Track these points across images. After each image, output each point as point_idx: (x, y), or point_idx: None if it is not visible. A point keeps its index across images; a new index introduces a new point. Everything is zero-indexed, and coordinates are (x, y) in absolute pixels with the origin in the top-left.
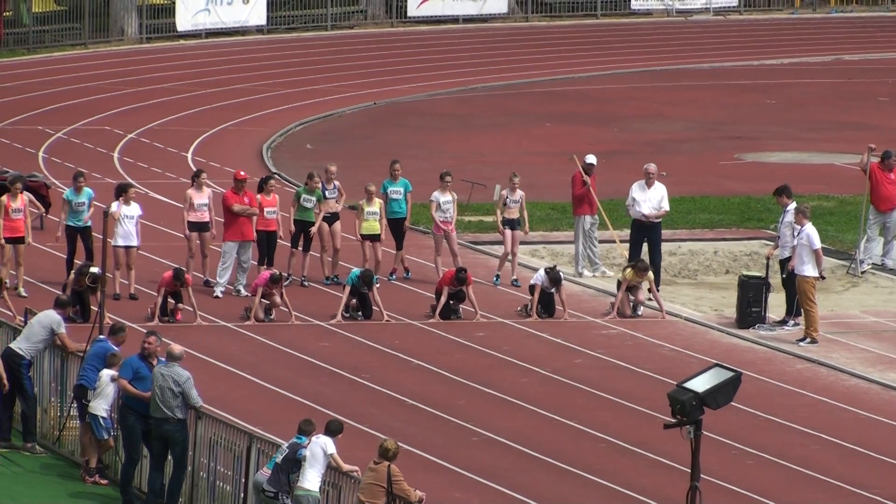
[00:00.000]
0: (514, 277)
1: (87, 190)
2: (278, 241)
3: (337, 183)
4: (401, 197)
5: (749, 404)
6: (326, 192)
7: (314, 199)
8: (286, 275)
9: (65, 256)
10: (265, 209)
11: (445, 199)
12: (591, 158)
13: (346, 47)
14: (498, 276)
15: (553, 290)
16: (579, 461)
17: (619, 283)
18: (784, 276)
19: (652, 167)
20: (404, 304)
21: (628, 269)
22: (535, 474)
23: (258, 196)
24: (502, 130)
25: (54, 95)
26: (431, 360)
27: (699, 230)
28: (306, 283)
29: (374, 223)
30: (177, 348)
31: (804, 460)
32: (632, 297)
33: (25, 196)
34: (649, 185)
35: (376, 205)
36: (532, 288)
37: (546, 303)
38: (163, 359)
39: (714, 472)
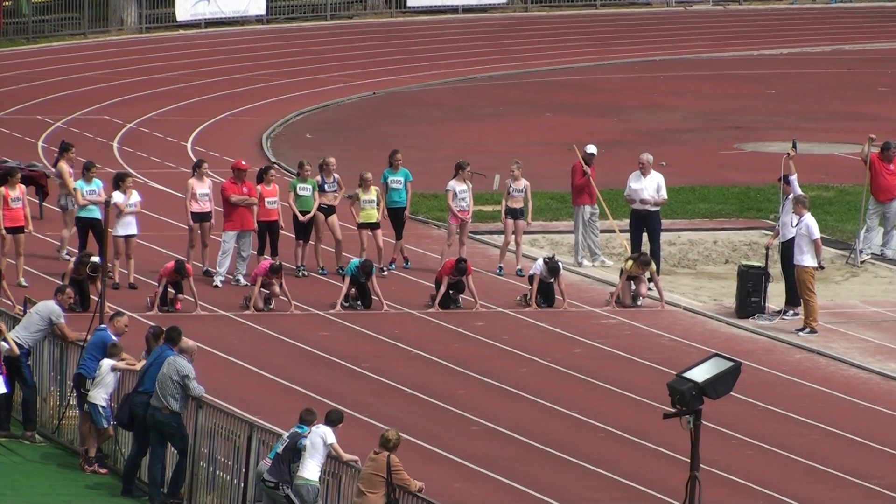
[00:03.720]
0: (519, 267)
1: (98, 181)
2: (281, 231)
3: (337, 176)
4: (401, 186)
5: (748, 394)
6: (326, 186)
7: (309, 186)
8: (301, 265)
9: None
10: (266, 199)
11: (461, 188)
12: (591, 148)
13: (346, 37)
14: (501, 267)
15: (552, 279)
16: (578, 451)
17: (621, 272)
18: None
19: (645, 157)
20: (404, 293)
21: (630, 262)
22: (535, 464)
23: (258, 186)
24: (502, 120)
25: (54, 85)
26: (431, 349)
27: (699, 220)
28: (305, 273)
29: (371, 211)
30: (189, 343)
31: (803, 450)
32: (633, 287)
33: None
34: (644, 174)
35: (373, 192)
36: (531, 278)
37: (545, 293)
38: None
39: (714, 461)
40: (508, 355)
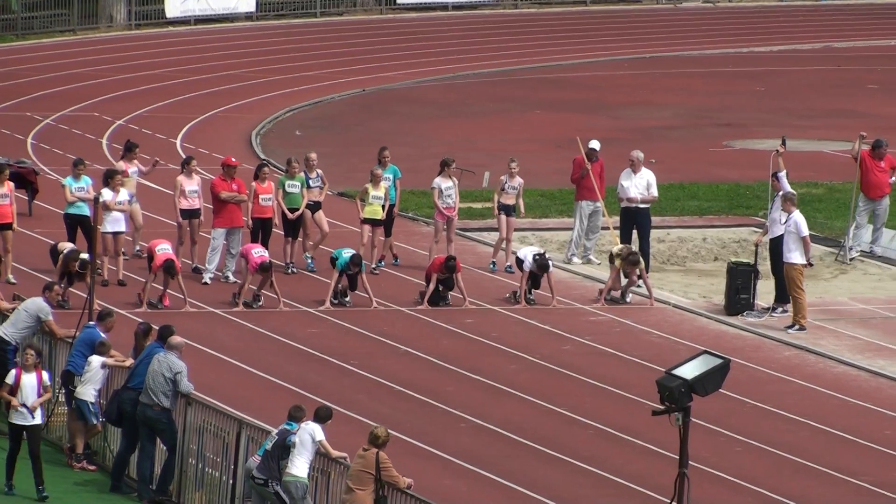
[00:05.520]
0: (508, 264)
1: (86, 178)
2: (273, 229)
3: (320, 171)
4: (389, 183)
5: (737, 391)
6: (310, 181)
7: (298, 183)
8: (290, 262)
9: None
10: (260, 196)
11: (447, 185)
12: (593, 143)
13: (335, 34)
14: (494, 262)
15: (540, 276)
16: (567, 448)
17: (610, 257)
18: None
19: (635, 154)
20: (393, 290)
21: (618, 261)
22: (524, 461)
23: (253, 183)
24: (492, 117)
25: (43, 82)
26: (420, 346)
27: (688, 217)
28: (294, 270)
29: (377, 207)
30: (177, 339)
31: (792, 447)
32: (624, 279)
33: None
34: (635, 171)
35: (381, 189)
36: (519, 261)
37: (533, 279)
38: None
39: (702, 458)
40: (497, 352)
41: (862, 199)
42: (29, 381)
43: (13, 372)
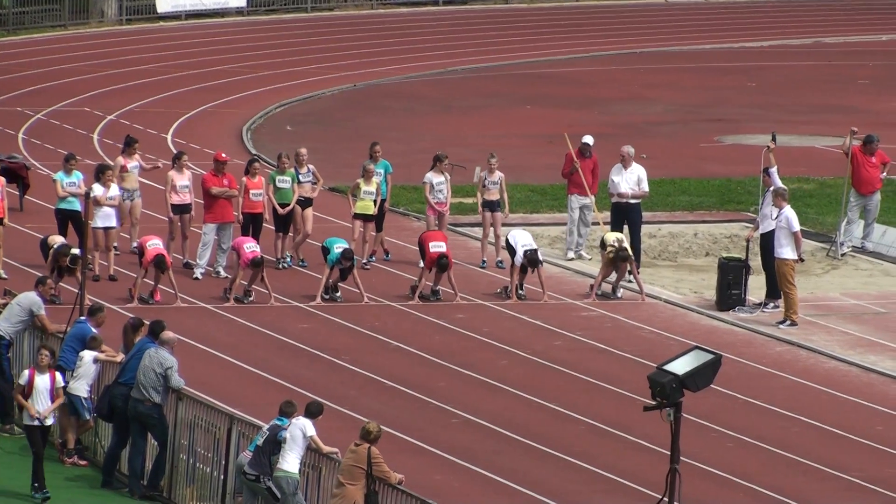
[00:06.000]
0: (499, 259)
1: (78, 173)
2: (264, 224)
3: (312, 167)
4: (381, 178)
5: (729, 386)
6: (301, 176)
7: (288, 178)
8: (281, 257)
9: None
10: (251, 191)
11: (439, 180)
12: (586, 139)
13: (326, 29)
14: (485, 261)
15: (531, 270)
16: (559, 443)
17: (601, 244)
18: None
19: (626, 149)
20: (384, 285)
21: (609, 253)
22: (515, 456)
23: (244, 178)
24: (482, 113)
25: (34, 77)
26: (411, 342)
27: (679, 212)
28: (285, 265)
29: (368, 203)
30: (169, 334)
31: (783, 442)
32: (614, 273)
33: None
34: (626, 166)
35: (373, 184)
36: (508, 247)
37: (521, 269)
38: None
39: (694, 454)
40: (489, 347)
41: (853, 194)
42: (42, 382)
43: (26, 373)
